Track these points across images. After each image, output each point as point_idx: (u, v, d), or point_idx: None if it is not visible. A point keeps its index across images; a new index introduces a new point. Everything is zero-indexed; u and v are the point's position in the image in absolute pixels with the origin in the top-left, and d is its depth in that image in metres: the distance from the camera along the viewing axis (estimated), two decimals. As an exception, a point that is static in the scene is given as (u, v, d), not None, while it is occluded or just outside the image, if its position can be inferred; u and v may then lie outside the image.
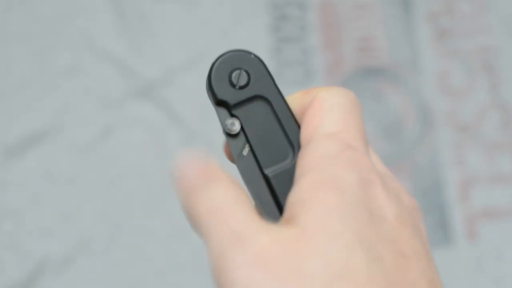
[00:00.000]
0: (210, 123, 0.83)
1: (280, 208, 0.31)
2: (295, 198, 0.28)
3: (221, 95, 0.34)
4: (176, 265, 0.77)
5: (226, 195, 0.28)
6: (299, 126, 0.33)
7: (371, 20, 0.90)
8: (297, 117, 0.32)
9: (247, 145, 0.34)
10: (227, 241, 0.26)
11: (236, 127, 0.34)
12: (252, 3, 0.90)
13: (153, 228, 0.78)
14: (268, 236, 0.26)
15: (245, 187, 0.32)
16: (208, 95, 0.34)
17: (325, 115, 0.30)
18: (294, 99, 0.33)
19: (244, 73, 0.34)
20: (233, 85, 0.34)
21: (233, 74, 0.34)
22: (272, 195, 0.32)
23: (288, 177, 0.32)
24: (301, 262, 0.25)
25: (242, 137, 0.34)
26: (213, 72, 0.34)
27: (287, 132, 0.33)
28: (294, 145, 0.33)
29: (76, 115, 0.83)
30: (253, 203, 0.31)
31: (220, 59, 0.34)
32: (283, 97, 0.34)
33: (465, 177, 0.83)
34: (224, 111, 0.34)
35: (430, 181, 0.83)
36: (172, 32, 0.88)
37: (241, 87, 0.34)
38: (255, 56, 0.34)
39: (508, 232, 0.81)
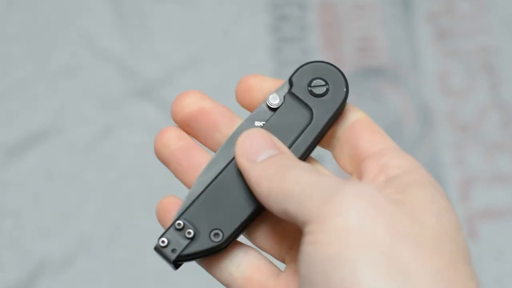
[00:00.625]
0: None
1: None
2: (400, 183, 0.31)
3: (295, 79, 0.35)
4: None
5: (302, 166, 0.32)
6: (306, 154, 0.35)
7: (371, 20, 0.90)
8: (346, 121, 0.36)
9: (263, 123, 0.35)
10: (333, 185, 0.29)
11: (272, 102, 0.35)
12: (252, 3, 0.90)
13: (153, 228, 0.78)
14: (377, 190, 0.30)
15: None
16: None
17: (384, 133, 0.35)
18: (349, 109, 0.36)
19: (326, 89, 0.35)
20: (308, 84, 0.35)
21: (319, 81, 0.35)
22: None
23: None
24: (414, 213, 0.29)
25: (268, 113, 0.35)
26: (315, 63, 0.35)
27: (292, 146, 0.34)
28: None
29: (76, 115, 0.83)
30: None
31: (330, 65, 0.36)
32: (323, 130, 0.35)
33: (465, 177, 0.83)
34: (285, 88, 0.35)
35: (430, 181, 0.83)
36: (172, 32, 0.88)
37: (310, 92, 0.35)
38: (347, 91, 0.35)
39: (508, 232, 0.81)
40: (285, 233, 0.35)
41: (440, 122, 0.85)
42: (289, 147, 0.34)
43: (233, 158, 0.34)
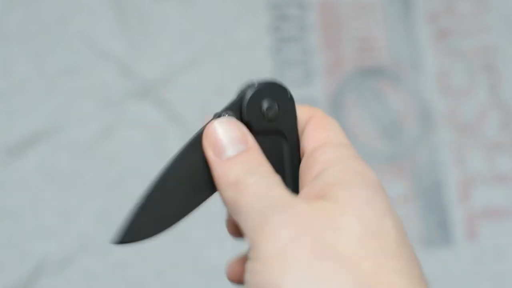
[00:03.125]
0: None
1: None
2: (322, 183, 0.31)
3: (248, 118, 0.35)
4: (176, 265, 0.77)
5: (263, 172, 0.32)
6: (297, 166, 0.35)
7: (371, 20, 0.90)
8: (302, 124, 0.36)
9: None
10: (268, 207, 0.30)
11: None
12: (252, 3, 0.90)
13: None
14: (306, 204, 0.30)
15: None
16: (237, 108, 0.35)
17: (332, 128, 0.35)
18: (301, 111, 0.36)
19: (276, 107, 0.35)
20: (263, 115, 0.35)
21: (266, 105, 0.35)
22: None
23: None
24: (337, 220, 0.29)
25: None
26: (250, 97, 0.35)
27: (285, 173, 0.35)
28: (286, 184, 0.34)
29: (76, 115, 0.83)
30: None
31: (259, 88, 0.35)
32: (298, 138, 0.35)
33: (465, 177, 0.83)
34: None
35: (430, 181, 0.83)
36: (172, 32, 0.88)
37: (268, 120, 0.35)
38: (290, 95, 0.35)
39: (508, 232, 0.81)
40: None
41: (440, 122, 0.85)
42: (283, 176, 0.34)
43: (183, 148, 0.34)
